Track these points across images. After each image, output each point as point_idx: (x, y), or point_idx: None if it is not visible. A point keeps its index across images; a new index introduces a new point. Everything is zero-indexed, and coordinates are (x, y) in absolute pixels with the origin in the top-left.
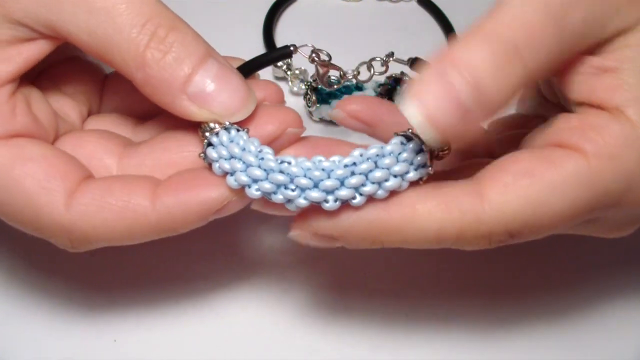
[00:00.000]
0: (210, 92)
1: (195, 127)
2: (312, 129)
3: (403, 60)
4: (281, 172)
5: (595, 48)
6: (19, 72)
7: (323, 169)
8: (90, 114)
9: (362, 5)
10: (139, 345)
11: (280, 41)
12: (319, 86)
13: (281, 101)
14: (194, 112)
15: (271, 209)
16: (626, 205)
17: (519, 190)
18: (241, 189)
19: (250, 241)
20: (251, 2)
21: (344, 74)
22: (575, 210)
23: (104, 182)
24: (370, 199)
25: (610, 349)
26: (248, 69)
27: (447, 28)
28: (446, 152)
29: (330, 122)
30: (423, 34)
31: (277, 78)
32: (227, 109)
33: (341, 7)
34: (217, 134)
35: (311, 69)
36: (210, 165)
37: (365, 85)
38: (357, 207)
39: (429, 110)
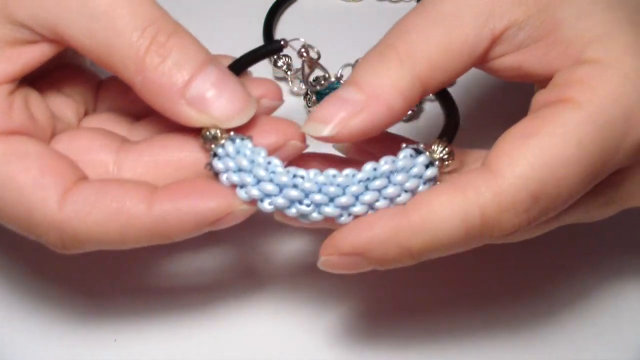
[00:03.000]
0: (209, 97)
1: (194, 128)
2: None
3: None
4: (295, 185)
5: (493, 45)
6: (19, 74)
7: (338, 185)
8: (86, 114)
9: (362, 5)
10: (139, 345)
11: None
12: (319, 86)
13: (279, 99)
14: (193, 117)
15: (285, 220)
16: (634, 135)
17: (524, 151)
18: (252, 201)
19: (251, 241)
20: (251, 2)
21: (327, 77)
22: (588, 153)
23: (99, 183)
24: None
25: (610, 349)
26: (240, 66)
27: None
28: (450, 161)
29: None
30: None
31: (277, 78)
32: (225, 113)
33: (341, 7)
34: (222, 145)
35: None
36: (216, 174)
37: None
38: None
39: (316, 115)
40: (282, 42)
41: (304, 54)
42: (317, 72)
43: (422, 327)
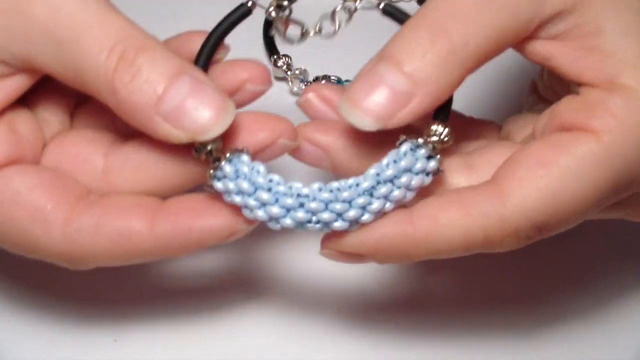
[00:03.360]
0: (184, 109)
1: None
2: None
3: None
4: (301, 205)
5: (536, 30)
6: (0, 107)
7: (344, 200)
8: (77, 106)
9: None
10: (139, 345)
11: (280, 41)
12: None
13: (266, 82)
14: (170, 132)
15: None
16: None
17: (536, 182)
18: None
19: (253, 245)
20: None
21: (306, 31)
22: (599, 191)
23: (98, 207)
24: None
25: (610, 349)
26: (214, 41)
27: None
28: (450, 142)
29: None
30: None
31: (277, 78)
32: (201, 125)
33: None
34: (220, 168)
35: (310, 69)
36: (218, 192)
37: None
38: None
39: (359, 102)
40: (249, 4)
41: (273, 13)
42: (293, 29)
43: (423, 331)
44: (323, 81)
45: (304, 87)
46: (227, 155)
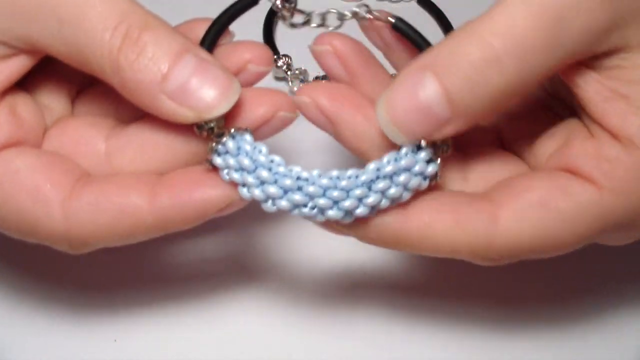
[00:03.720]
0: (189, 88)
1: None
2: (312, 129)
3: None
4: (299, 188)
5: (589, 61)
6: (1, 89)
7: (342, 189)
8: (79, 93)
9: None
10: (139, 345)
11: (280, 41)
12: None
13: (268, 64)
14: (175, 110)
15: None
16: (635, 230)
17: (532, 221)
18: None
19: (252, 239)
20: None
21: (309, 17)
22: (584, 239)
23: (98, 185)
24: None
25: (610, 349)
26: (219, 27)
27: (447, 28)
28: (449, 151)
29: None
30: (423, 34)
31: (277, 78)
32: (207, 104)
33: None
34: (223, 142)
35: (311, 69)
36: (215, 168)
37: None
38: (379, 213)
39: (397, 117)
40: None
41: (279, 4)
42: (297, 18)
43: (422, 316)
44: (323, 81)
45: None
46: (232, 131)
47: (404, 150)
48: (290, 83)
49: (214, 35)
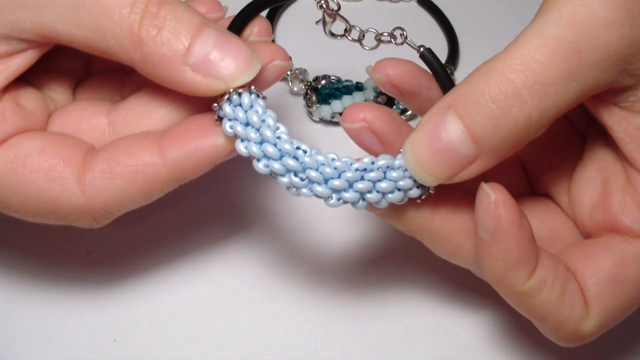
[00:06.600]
0: (213, 59)
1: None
2: (312, 129)
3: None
4: (295, 157)
5: (611, 96)
6: (4, 84)
7: (335, 168)
8: (78, 83)
9: (362, 5)
10: (139, 345)
11: (280, 41)
12: (319, 86)
13: (269, 35)
14: (200, 82)
15: None
16: None
17: (612, 301)
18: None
19: (253, 238)
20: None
21: (350, 28)
22: None
23: (106, 153)
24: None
25: (610, 349)
26: (243, 19)
27: (447, 28)
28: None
29: (330, 122)
30: (423, 34)
31: None
32: (233, 73)
33: (341, 7)
34: (239, 94)
35: (310, 69)
36: (220, 118)
37: (366, 84)
38: (419, 205)
39: (423, 160)
40: None
41: (323, 5)
42: (338, 25)
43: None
44: (323, 81)
45: (304, 87)
46: (252, 87)
47: (397, 161)
48: (290, 83)
49: (241, 23)
